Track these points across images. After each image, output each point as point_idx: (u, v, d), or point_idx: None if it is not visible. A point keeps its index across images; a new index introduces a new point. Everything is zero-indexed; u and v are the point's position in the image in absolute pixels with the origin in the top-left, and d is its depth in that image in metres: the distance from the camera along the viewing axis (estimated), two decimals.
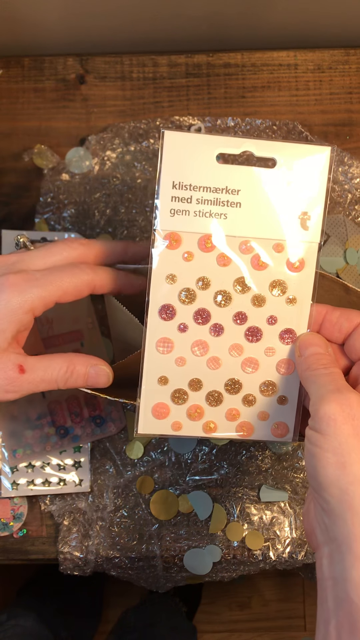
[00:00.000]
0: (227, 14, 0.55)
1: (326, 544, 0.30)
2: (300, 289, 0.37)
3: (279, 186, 0.36)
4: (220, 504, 0.51)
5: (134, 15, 0.55)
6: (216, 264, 0.36)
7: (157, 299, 0.36)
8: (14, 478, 0.51)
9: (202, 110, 0.56)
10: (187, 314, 0.36)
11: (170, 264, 0.36)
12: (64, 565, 0.51)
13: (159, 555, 0.51)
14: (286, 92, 0.56)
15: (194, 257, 0.36)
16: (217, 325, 0.37)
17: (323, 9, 0.55)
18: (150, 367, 0.37)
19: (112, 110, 0.56)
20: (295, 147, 0.35)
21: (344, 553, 0.28)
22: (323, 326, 0.37)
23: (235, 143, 0.35)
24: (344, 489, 0.28)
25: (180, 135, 0.35)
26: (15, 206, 0.55)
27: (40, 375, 0.37)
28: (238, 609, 1.13)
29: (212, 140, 0.35)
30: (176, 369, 0.37)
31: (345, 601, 0.27)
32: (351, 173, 0.55)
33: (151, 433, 0.38)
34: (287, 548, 0.51)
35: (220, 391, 0.37)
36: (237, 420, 0.38)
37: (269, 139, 0.40)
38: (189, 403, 0.37)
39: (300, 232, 0.36)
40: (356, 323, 0.36)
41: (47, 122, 0.56)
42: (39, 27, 0.57)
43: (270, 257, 0.36)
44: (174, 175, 0.35)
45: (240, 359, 0.37)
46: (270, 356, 0.37)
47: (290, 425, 0.38)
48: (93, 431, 0.51)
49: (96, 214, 0.55)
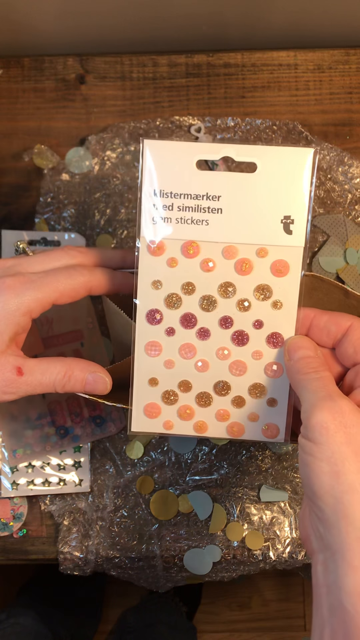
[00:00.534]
0: (227, 14, 0.55)
1: (321, 551, 0.30)
2: (285, 293, 0.37)
3: (260, 190, 0.36)
4: (220, 504, 0.51)
5: (134, 15, 0.55)
6: (200, 269, 0.37)
7: (144, 304, 0.37)
8: (14, 478, 0.51)
9: (202, 110, 0.56)
10: (174, 319, 0.37)
11: (155, 270, 0.37)
12: (64, 565, 0.51)
13: (159, 555, 0.51)
14: (286, 92, 0.56)
15: (178, 263, 0.36)
16: (203, 330, 0.37)
17: (323, 9, 0.55)
18: (140, 369, 0.38)
19: (112, 110, 0.56)
20: (276, 150, 0.35)
21: (337, 562, 0.28)
22: (311, 330, 0.37)
23: (214, 149, 0.35)
24: (338, 498, 0.28)
25: (160, 144, 0.35)
26: (15, 206, 0.55)
27: (38, 379, 0.37)
28: (238, 609, 1.13)
29: (191, 148, 0.35)
30: (165, 371, 0.38)
31: (339, 609, 0.27)
32: (351, 173, 0.55)
33: (144, 431, 0.39)
34: (287, 548, 0.51)
35: (209, 392, 0.38)
36: (228, 420, 0.38)
37: (252, 143, 0.41)
38: (179, 403, 0.38)
39: (284, 236, 0.36)
40: (345, 328, 0.36)
41: (47, 122, 0.56)
42: (39, 27, 0.57)
43: (254, 262, 0.36)
44: (155, 183, 0.36)
45: (227, 362, 0.38)
46: (258, 359, 0.37)
47: (281, 427, 0.38)
48: (93, 431, 0.51)
49: (96, 214, 0.55)
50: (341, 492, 0.28)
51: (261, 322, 0.37)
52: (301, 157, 0.35)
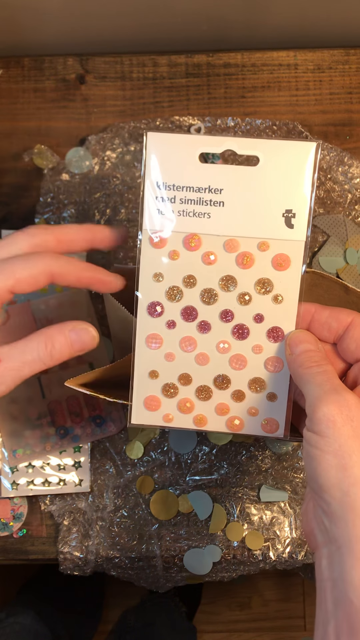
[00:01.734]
0: (227, 14, 0.55)
1: (325, 545, 0.30)
2: (286, 287, 0.37)
3: (262, 184, 0.36)
4: (220, 504, 0.51)
5: (133, 15, 0.55)
6: (202, 262, 0.37)
7: (146, 296, 0.37)
8: (14, 478, 0.51)
9: (202, 110, 0.56)
10: (174, 311, 0.37)
11: (157, 262, 0.37)
12: (64, 565, 0.51)
13: (159, 555, 0.51)
14: (286, 92, 0.56)
15: (180, 256, 0.37)
16: (204, 323, 0.37)
17: (323, 9, 0.55)
18: (141, 361, 0.38)
19: (112, 110, 0.56)
20: (279, 144, 0.35)
21: (344, 555, 0.28)
22: (311, 325, 0.37)
23: (217, 142, 0.35)
24: (345, 491, 0.28)
25: (163, 136, 0.35)
26: (15, 206, 0.55)
27: (20, 360, 0.35)
28: (238, 609, 1.13)
29: (193, 140, 0.35)
30: (166, 364, 0.38)
31: (344, 603, 0.27)
32: (351, 173, 0.55)
33: (143, 424, 0.39)
34: (287, 548, 0.51)
35: (209, 386, 0.38)
36: (227, 414, 0.38)
37: (253, 137, 0.41)
38: (179, 397, 0.38)
39: (285, 230, 0.36)
40: (346, 323, 0.36)
41: (47, 122, 0.56)
42: (39, 27, 0.57)
43: (255, 255, 0.36)
44: (157, 175, 0.36)
45: (227, 356, 0.38)
46: (258, 354, 0.37)
47: (280, 422, 0.38)
48: (93, 431, 0.51)
49: (96, 214, 0.55)
50: (348, 485, 0.28)
51: (262, 316, 0.37)
52: (304, 151, 0.35)
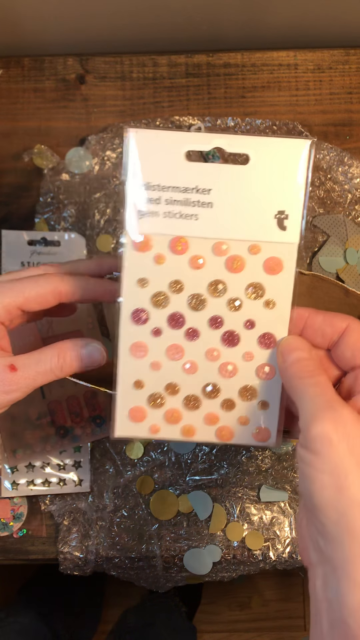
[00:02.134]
0: (227, 14, 0.55)
1: (320, 565, 0.29)
2: (278, 292, 0.35)
3: (252, 184, 0.34)
4: (220, 504, 0.51)
5: (133, 15, 0.55)
6: (189, 266, 0.35)
7: (129, 303, 0.35)
8: (14, 478, 0.51)
9: (202, 110, 0.56)
10: (160, 318, 0.35)
11: (141, 267, 0.35)
12: (64, 565, 0.51)
13: (159, 555, 0.51)
14: (286, 92, 0.56)
15: (166, 260, 0.35)
16: (192, 330, 0.36)
17: (323, 9, 0.55)
18: (125, 371, 0.36)
19: (112, 110, 0.56)
20: (270, 142, 0.33)
21: (339, 578, 0.27)
22: (305, 331, 0.36)
23: (204, 139, 0.33)
24: (341, 512, 0.27)
25: (146, 133, 0.33)
26: (15, 206, 0.55)
27: (34, 369, 0.37)
28: (238, 609, 1.13)
29: (179, 137, 0.33)
30: (151, 373, 0.36)
31: (340, 625, 0.26)
32: (351, 173, 0.55)
33: (128, 435, 0.37)
34: (287, 548, 0.51)
35: (197, 395, 0.36)
36: (217, 424, 0.37)
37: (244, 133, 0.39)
38: (166, 407, 0.36)
39: (278, 232, 0.34)
40: (340, 329, 0.35)
41: (47, 122, 0.56)
42: (39, 27, 0.57)
43: (245, 259, 0.35)
44: (140, 175, 0.34)
45: (217, 364, 0.36)
46: (249, 361, 0.36)
47: (272, 430, 0.37)
48: (93, 431, 0.51)
49: (96, 214, 0.55)
50: (344, 507, 0.27)
51: (253, 322, 0.35)
52: (297, 149, 0.33)
